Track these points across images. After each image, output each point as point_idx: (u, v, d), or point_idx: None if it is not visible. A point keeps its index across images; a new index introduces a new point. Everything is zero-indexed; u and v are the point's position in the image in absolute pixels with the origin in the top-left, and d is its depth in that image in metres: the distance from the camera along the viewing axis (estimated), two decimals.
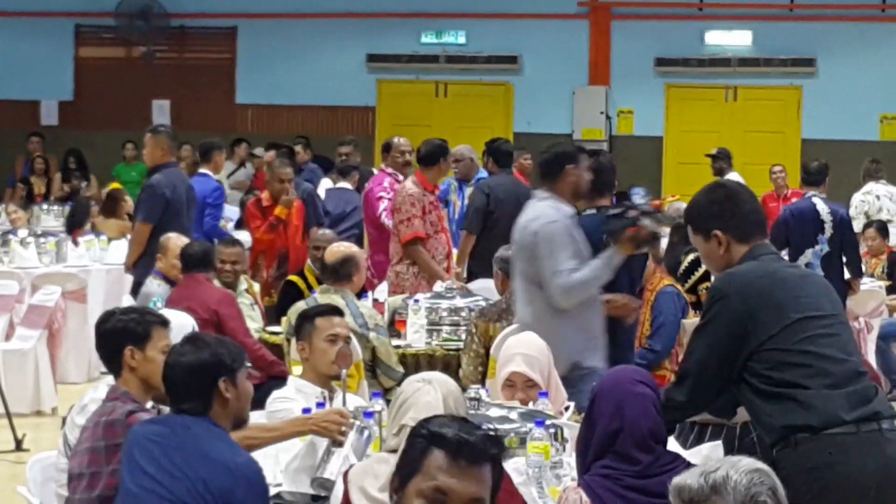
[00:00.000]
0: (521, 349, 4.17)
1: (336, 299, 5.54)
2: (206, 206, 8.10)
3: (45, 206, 10.86)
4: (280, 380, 4.84)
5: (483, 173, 9.36)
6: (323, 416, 3.62)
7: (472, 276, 7.48)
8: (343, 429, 3.35)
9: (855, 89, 12.65)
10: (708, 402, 3.22)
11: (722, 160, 10.29)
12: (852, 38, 12.57)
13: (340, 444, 3.29)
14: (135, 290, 7.00)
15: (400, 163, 7.81)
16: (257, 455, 3.24)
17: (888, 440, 2.84)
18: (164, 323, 3.50)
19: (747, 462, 2.00)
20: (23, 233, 8.88)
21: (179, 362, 3.16)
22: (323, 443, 3.17)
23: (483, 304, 5.90)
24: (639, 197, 5.37)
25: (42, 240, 8.60)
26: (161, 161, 7.58)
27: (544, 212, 4.78)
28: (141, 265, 7.18)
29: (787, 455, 2.71)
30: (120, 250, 8.37)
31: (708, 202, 3.22)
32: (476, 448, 1.88)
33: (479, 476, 1.84)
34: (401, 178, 7.58)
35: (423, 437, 1.91)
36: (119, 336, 3.38)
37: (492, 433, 2.19)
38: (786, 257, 5.74)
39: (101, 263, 8.52)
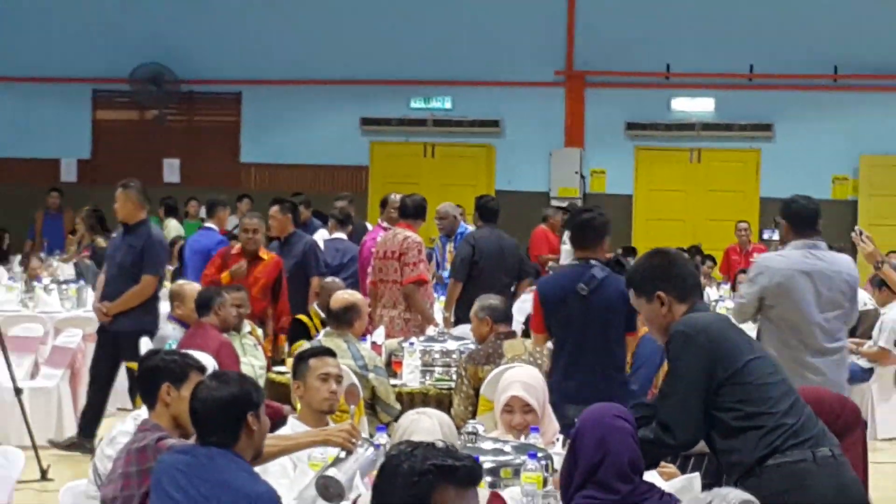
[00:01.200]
0: (521, 378, 4.34)
1: (339, 342, 5.80)
2: (210, 257, 8.32)
3: (64, 256, 11.45)
4: (280, 421, 4.74)
5: (463, 227, 9.73)
6: (336, 429, 3.77)
7: (457, 322, 7.64)
8: (353, 440, 3.47)
9: (809, 152, 13.03)
10: (697, 439, 3.30)
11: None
12: (806, 105, 12.91)
13: (350, 453, 3.41)
14: (115, 341, 7.15)
15: (395, 217, 8.10)
16: (275, 485, 3.39)
17: (841, 464, 3.05)
18: (201, 369, 3.64)
19: (735, 494, 2.18)
20: (46, 280, 9.24)
21: (211, 396, 3.29)
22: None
23: (472, 347, 6.13)
24: None
25: (64, 286, 8.96)
26: (135, 215, 7.57)
27: None
28: (128, 315, 7.35)
29: (753, 484, 2.77)
30: None
31: (650, 266, 3.44)
32: (475, 472, 2.13)
33: (476, 494, 2.12)
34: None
35: (431, 474, 2.04)
36: (160, 373, 3.57)
37: (470, 457, 2.37)
38: None
39: None
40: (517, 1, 14.04)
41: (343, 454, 3.31)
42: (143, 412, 3.84)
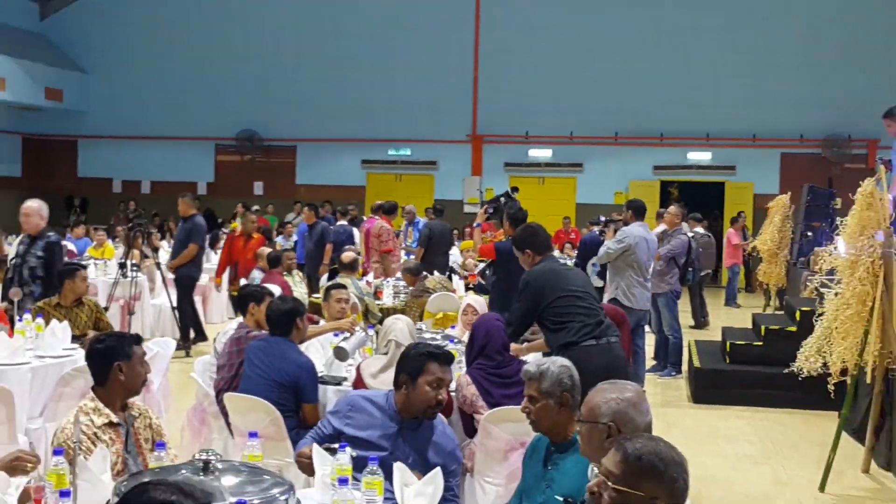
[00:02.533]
0: (472, 297, 6.64)
1: (348, 280, 7.81)
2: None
3: None
4: (314, 323, 6.05)
5: (417, 219, 13.70)
6: (344, 321, 5.57)
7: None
8: (356, 328, 5.09)
9: (602, 178, 18.67)
10: (522, 333, 4.88)
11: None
12: (602, 153, 18.75)
13: (352, 335, 4.94)
14: (179, 282, 9.58)
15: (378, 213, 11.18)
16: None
17: (614, 348, 4.60)
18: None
19: (560, 360, 3.37)
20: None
21: (277, 308, 4.80)
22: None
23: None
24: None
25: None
26: (188, 212, 9.78)
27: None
28: (185, 267, 9.59)
29: (569, 356, 3.76)
30: None
31: (524, 234, 5.09)
32: (449, 356, 3.42)
33: (450, 370, 3.33)
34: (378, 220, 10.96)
35: (423, 354, 3.28)
36: (247, 297, 5.28)
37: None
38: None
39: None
40: (448, 94, 19.07)
41: (348, 335, 4.68)
42: (235, 321, 5.60)
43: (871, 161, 16.28)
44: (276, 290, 6.95)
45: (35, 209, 7.08)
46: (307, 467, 3.34)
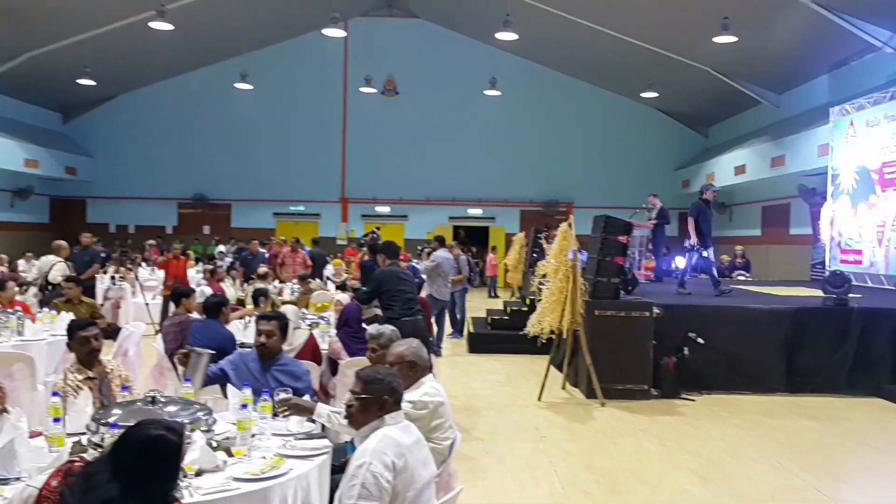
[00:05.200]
0: (339, 296, 9.37)
1: (262, 284, 11.54)
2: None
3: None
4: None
5: (307, 248, 24.41)
6: (248, 309, 8.11)
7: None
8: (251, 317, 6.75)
9: (419, 225, 26.02)
10: (368, 304, 6.79)
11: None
12: (421, 209, 27.22)
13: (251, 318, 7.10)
14: None
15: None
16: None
17: (419, 322, 6.89)
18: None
19: (389, 327, 4.87)
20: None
21: (212, 300, 6.04)
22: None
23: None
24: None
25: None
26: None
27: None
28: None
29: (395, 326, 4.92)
30: None
31: (384, 246, 7.58)
32: (269, 315, 4.90)
33: (271, 323, 4.71)
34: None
35: (257, 318, 4.95)
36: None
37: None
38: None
39: None
40: (326, 172, 26.07)
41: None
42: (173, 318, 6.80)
43: (569, 215, 26.11)
44: (208, 290, 9.17)
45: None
46: (182, 361, 4.46)
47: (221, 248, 22.23)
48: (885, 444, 7.39)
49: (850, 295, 10.35)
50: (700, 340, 9.60)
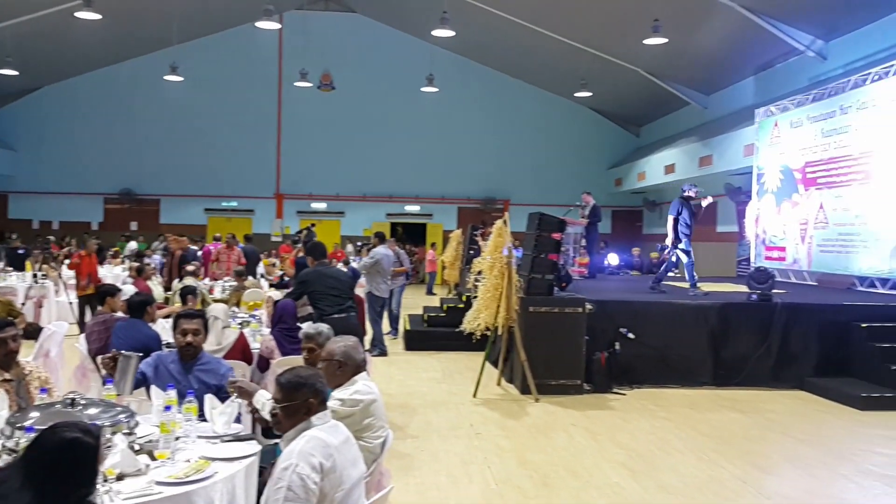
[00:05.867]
0: (271, 294, 9.86)
1: (192, 280, 10.55)
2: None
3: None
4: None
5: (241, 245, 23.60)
6: (177, 307, 7.43)
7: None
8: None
9: (356, 221, 26.21)
10: (298, 300, 6.82)
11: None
12: (358, 206, 28.64)
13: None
14: None
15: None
16: None
17: (350, 318, 6.95)
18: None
19: (325, 325, 4.91)
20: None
21: (136, 299, 5.87)
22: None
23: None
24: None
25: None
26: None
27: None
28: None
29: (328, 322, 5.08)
30: None
31: (312, 248, 7.65)
32: (191, 313, 4.68)
33: (195, 322, 4.56)
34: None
35: (177, 315, 4.62)
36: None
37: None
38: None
39: None
40: (261, 166, 25.74)
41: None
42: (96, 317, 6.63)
43: (505, 212, 26.24)
44: (132, 289, 8.68)
45: None
46: (108, 366, 4.31)
47: (133, 245, 22.13)
48: (808, 435, 7.62)
49: (774, 291, 10.66)
50: (631, 336, 9.77)
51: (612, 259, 18.41)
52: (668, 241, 11.34)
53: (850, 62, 15.27)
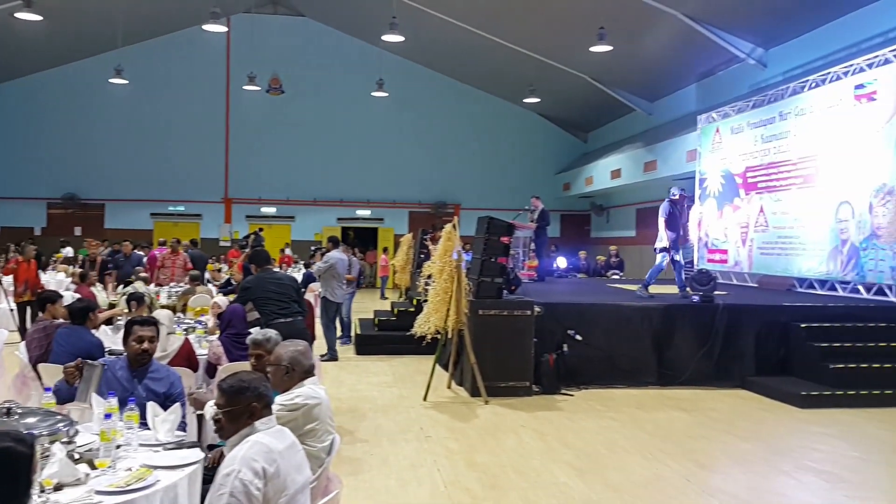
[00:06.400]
0: (217, 299, 8.41)
1: (141, 286, 10.59)
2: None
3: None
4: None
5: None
6: (118, 310, 7.85)
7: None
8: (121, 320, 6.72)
9: (306, 227, 26.05)
10: (244, 304, 6.49)
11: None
12: (307, 210, 27.99)
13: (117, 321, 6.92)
14: None
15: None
16: None
17: (297, 323, 6.73)
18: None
19: (272, 331, 4.76)
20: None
21: (77, 305, 5.69)
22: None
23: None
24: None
25: None
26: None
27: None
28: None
29: (276, 327, 4.99)
30: None
31: (254, 255, 7.40)
32: (146, 319, 4.53)
33: (151, 329, 4.43)
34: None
35: (130, 322, 4.47)
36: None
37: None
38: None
39: None
40: (210, 170, 25.35)
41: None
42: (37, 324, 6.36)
43: (455, 216, 26.51)
44: (74, 296, 8.89)
45: None
46: (72, 375, 4.26)
47: (69, 250, 21.60)
48: (749, 433, 7.77)
49: (717, 292, 10.87)
50: (578, 337, 9.86)
51: (561, 262, 18.60)
52: (664, 244, 11.03)
53: (789, 70, 15.69)
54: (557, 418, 8.25)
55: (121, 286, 12.77)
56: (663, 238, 11.07)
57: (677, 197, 11.32)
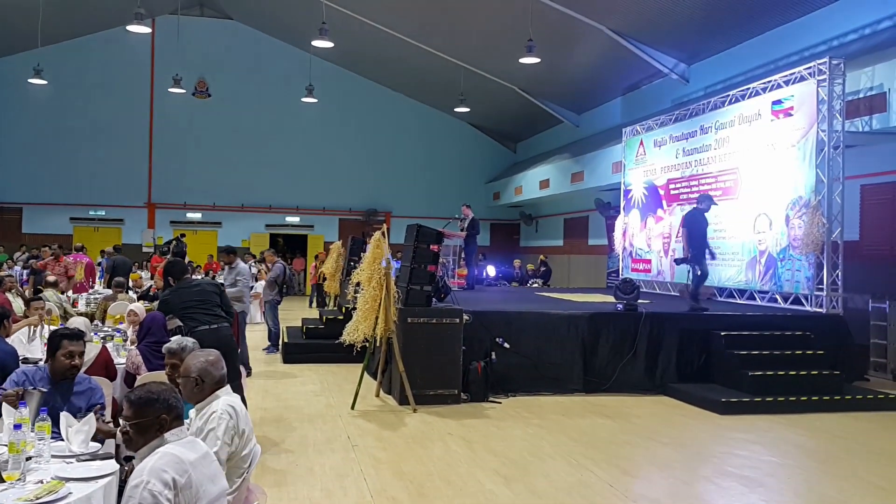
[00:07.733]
0: (133, 307, 7.97)
1: (51, 293, 11.44)
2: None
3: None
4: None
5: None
6: (34, 318, 6.97)
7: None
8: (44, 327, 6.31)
9: (236, 231, 27.37)
10: (169, 314, 6.36)
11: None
12: (235, 216, 28.09)
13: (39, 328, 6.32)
14: None
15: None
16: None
17: (221, 330, 6.55)
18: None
19: (190, 340, 4.58)
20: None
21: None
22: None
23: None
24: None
25: None
26: None
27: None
28: None
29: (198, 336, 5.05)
30: None
31: (169, 267, 6.91)
32: (76, 333, 4.40)
33: (80, 343, 4.36)
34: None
35: (58, 336, 4.36)
36: None
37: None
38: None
39: None
40: (132, 174, 24.75)
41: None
42: None
43: (387, 224, 26.65)
44: None
45: None
46: (12, 402, 3.97)
47: (18, 255, 20.84)
48: (671, 439, 7.94)
49: (640, 301, 11.09)
50: (506, 345, 9.93)
51: (490, 270, 18.72)
52: (684, 255, 11.13)
53: (711, 85, 16.20)
54: (485, 426, 8.28)
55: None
56: (685, 248, 11.13)
57: (703, 206, 11.24)
